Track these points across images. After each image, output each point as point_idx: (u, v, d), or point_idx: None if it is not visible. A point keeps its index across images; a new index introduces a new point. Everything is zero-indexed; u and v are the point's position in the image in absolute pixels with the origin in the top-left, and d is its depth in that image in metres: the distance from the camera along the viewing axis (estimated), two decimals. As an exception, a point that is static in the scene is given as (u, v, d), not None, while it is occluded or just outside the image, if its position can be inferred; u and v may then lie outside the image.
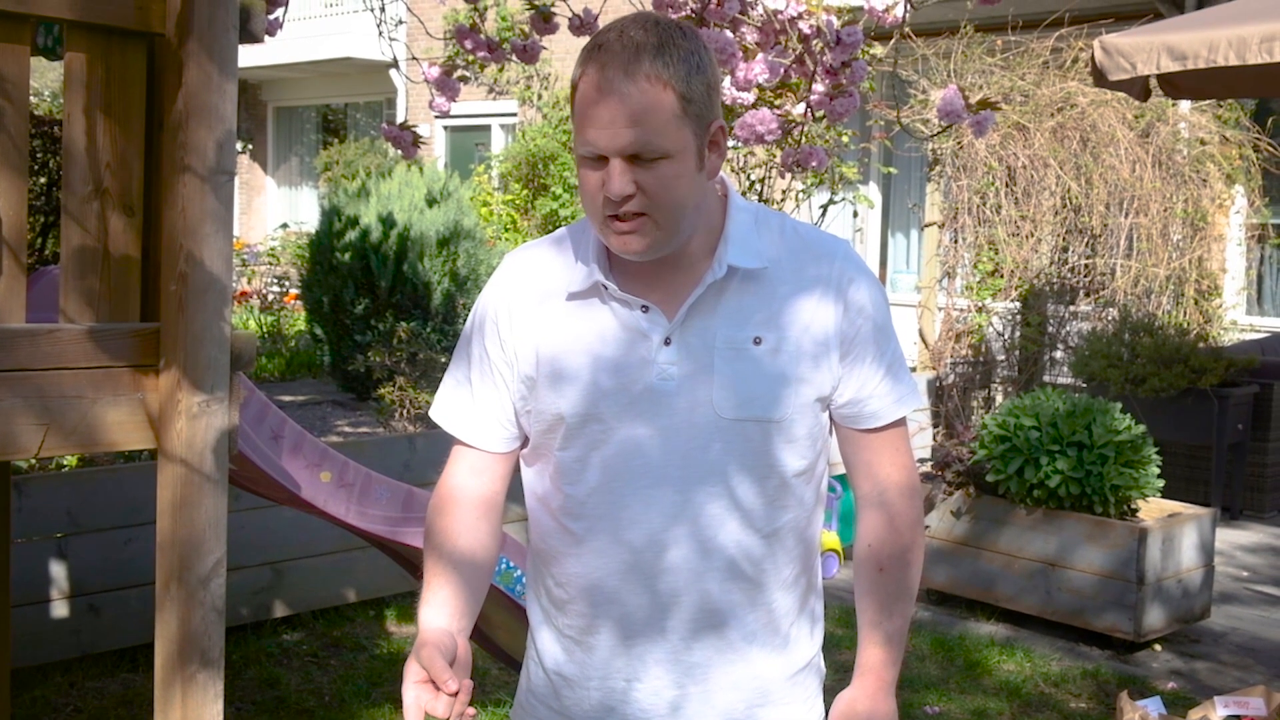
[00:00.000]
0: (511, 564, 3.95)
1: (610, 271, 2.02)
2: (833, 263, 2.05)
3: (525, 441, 2.14)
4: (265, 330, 13.76)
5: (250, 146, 23.11)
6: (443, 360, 8.45)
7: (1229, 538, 7.58)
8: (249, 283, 17.45)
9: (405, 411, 8.68)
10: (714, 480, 2.00)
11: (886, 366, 2.08)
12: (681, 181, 1.92)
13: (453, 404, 2.15)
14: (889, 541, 2.10)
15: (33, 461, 5.56)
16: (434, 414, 2.18)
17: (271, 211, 23.00)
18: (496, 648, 4.38)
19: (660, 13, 4.44)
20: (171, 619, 2.73)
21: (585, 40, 5.09)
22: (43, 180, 7.71)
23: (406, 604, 5.92)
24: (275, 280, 17.18)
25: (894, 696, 2.10)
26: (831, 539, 6.37)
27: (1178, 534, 5.66)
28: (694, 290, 1.99)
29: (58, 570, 4.98)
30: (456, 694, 1.85)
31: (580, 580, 2.07)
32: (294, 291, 15.19)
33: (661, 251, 1.97)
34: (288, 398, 11.08)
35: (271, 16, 5.15)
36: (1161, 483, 5.78)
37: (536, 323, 2.05)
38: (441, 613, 2.03)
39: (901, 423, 2.12)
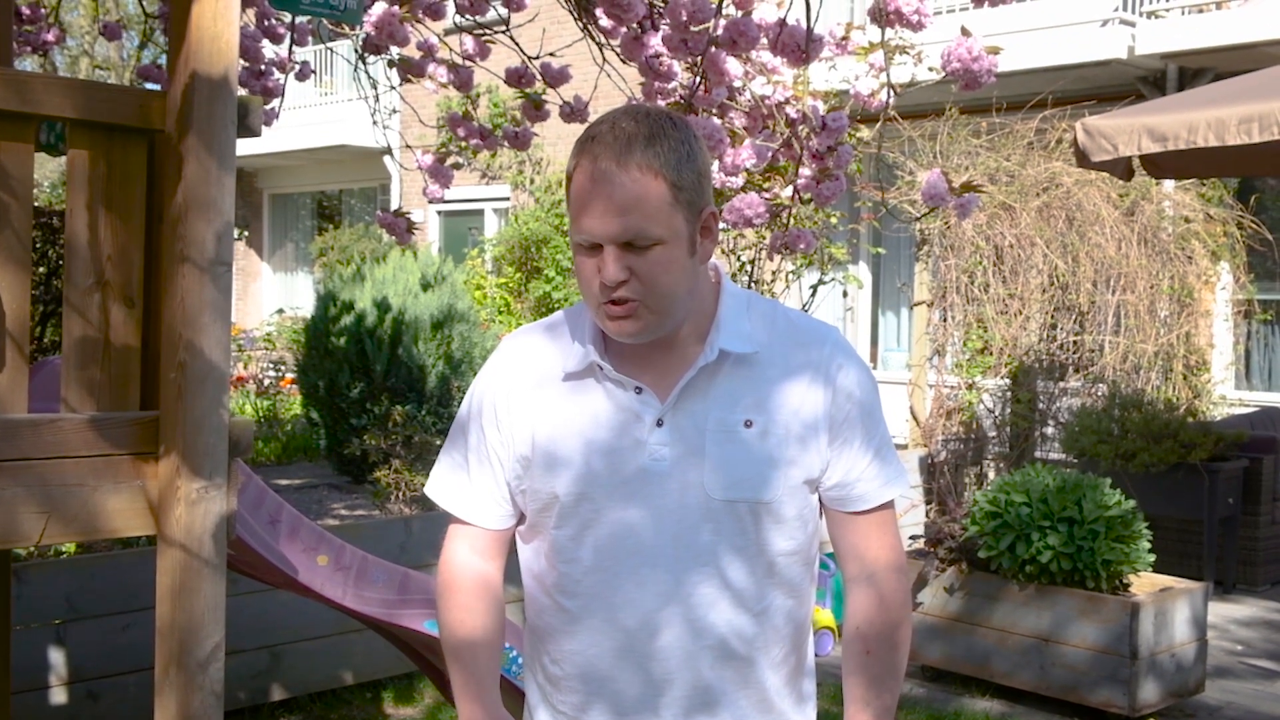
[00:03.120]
0: (508, 645, 3.98)
1: (605, 353, 2.07)
2: (822, 348, 2.10)
3: (522, 518, 2.19)
4: (261, 415, 13.78)
5: (246, 233, 23.25)
6: (437, 443, 8.48)
7: (1222, 612, 7.59)
8: (245, 368, 17.51)
9: (401, 494, 8.71)
10: (705, 561, 2.04)
11: (874, 450, 2.13)
12: (674, 267, 1.98)
13: (449, 482, 2.20)
14: (876, 621, 2.13)
15: (32, 549, 5.58)
16: (430, 491, 2.23)
17: (267, 297, 23.09)
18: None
19: (650, 101, 4.54)
20: (171, 703, 2.75)
21: (576, 127, 5.18)
22: (42, 270, 7.78)
23: (404, 685, 5.92)
24: (271, 365, 17.24)
25: None
26: (826, 617, 6.39)
27: (1170, 608, 5.69)
28: (686, 373, 2.04)
29: (56, 657, 4.99)
30: None
31: (575, 658, 2.11)
32: (290, 376, 15.25)
33: (655, 334, 2.02)
34: (284, 481, 11.09)
35: (268, 107, 5.26)
36: (1153, 557, 5.81)
37: (532, 405, 2.10)
38: (493, 703, 2.12)
39: (889, 505, 2.16)
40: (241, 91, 3.11)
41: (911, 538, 7.11)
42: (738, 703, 2.10)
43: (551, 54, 5.08)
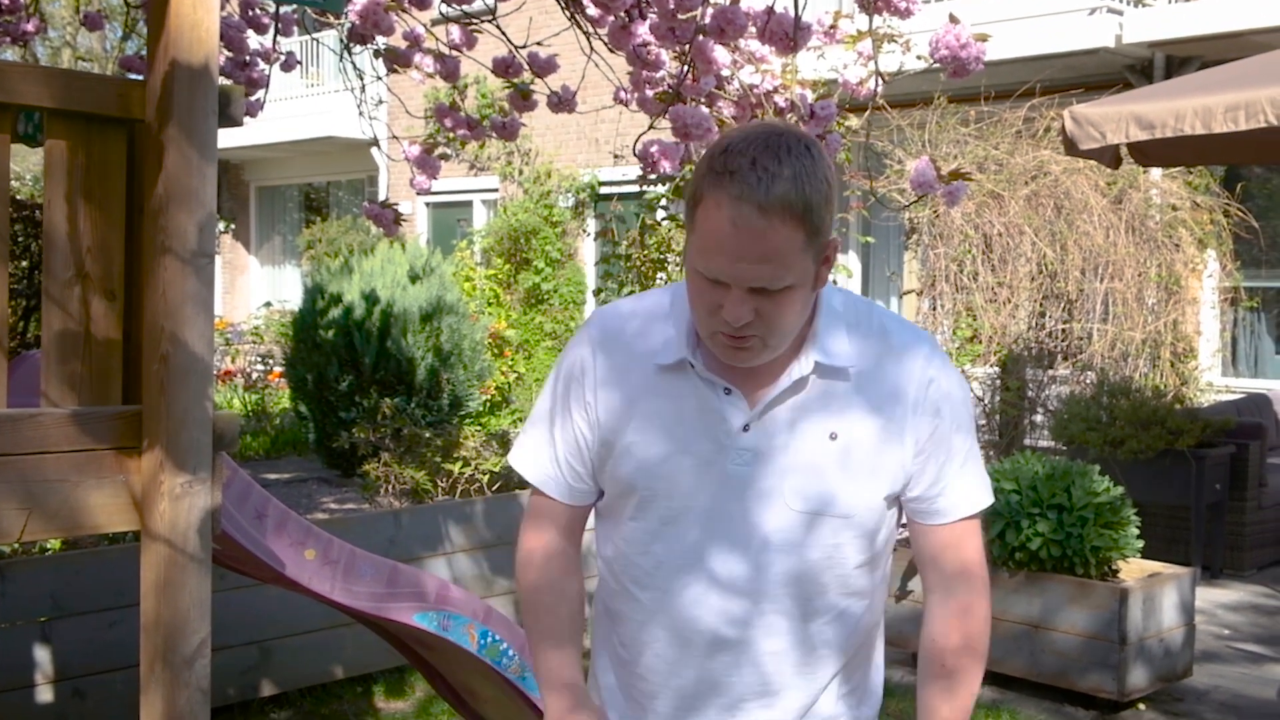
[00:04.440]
0: (499, 637, 3.96)
1: (698, 350, 2.04)
2: (914, 361, 2.06)
3: (600, 494, 2.19)
4: (250, 409, 13.76)
5: (233, 226, 23.20)
6: (427, 435, 8.46)
7: (1210, 596, 7.60)
8: (233, 361, 17.47)
9: (390, 487, 8.68)
10: (777, 569, 2.03)
11: (960, 464, 2.09)
12: (798, 306, 1.94)
13: (533, 456, 2.19)
14: (954, 635, 2.10)
15: (16, 545, 5.56)
16: (513, 461, 2.22)
17: (255, 290, 23.04)
18: (483, 721, 4.38)
19: (639, 91, 4.52)
20: (157, 701, 2.74)
21: (565, 117, 5.14)
22: (24, 264, 7.75)
23: (395, 680, 5.91)
24: (259, 359, 17.19)
25: None
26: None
27: (1159, 594, 5.69)
28: (778, 382, 2.01)
29: (41, 655, 4.96)
30: None
31: (642, 648, 2.13)
32: (278, 369, 15.21)
33: (763, 362, 1.99)
34: (273, 475, 11.07)
35: (253, 98, 5.23)
36: (1141, 543, 5.81)
37: (621, 389, 2.08)
38: (583, 687, 2.12)
39: (973, 518, 2.13)
40: (223, 80, 3.08)
41: (902, 525, 7.09)
42: (799, 700, 2.10)
43: (539, 43, 5.05)
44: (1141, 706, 5.75)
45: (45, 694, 4.98)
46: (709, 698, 2.09)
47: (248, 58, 5.25)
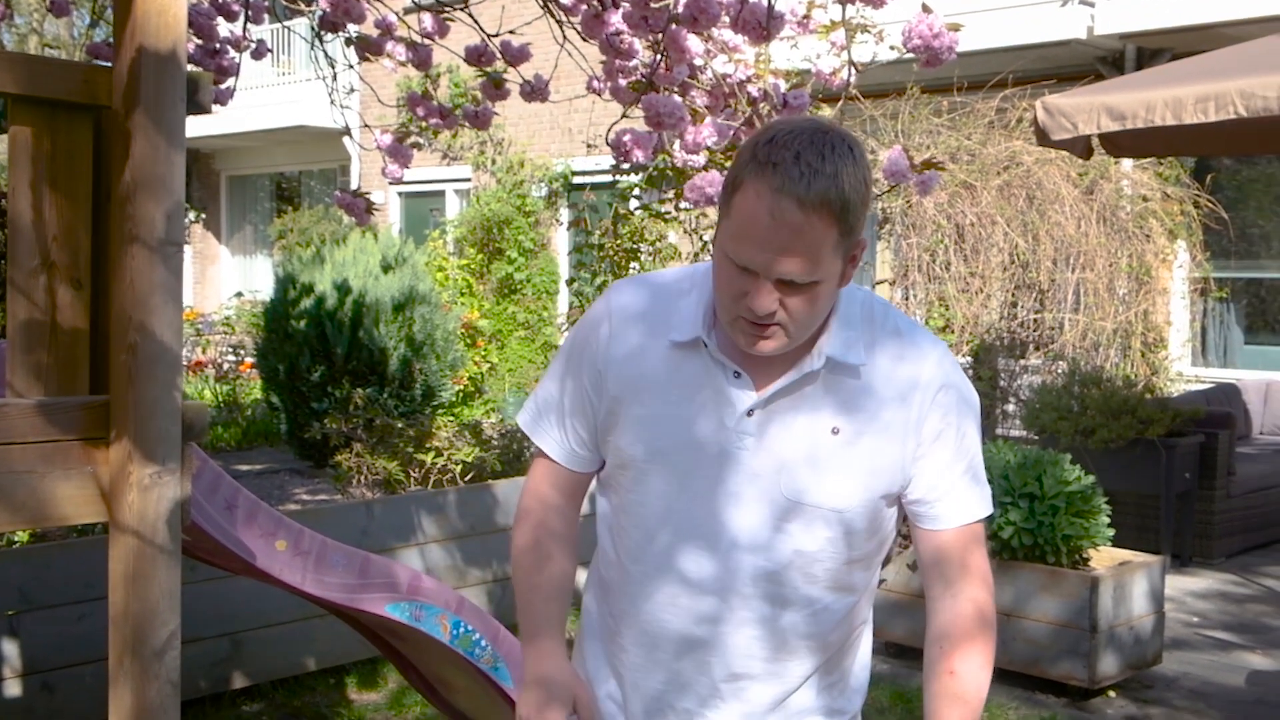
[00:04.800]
0: (471, 628, 3.95)
1: (713, 330, 2.05)
2: (924, 365, 2.07)
3: (603, 464, 2.21)
4: (221, 399, 13.69)
5: (204, 215, 23.08)
6: (399, 426, 8.44)
7: (1179, 584, 7.64)
8: (204, 352, 17.38)
9: (363, 478, 8.66)
10: (767, 556, 2.04)
11: (961, 470, 2.09)
12: (823, 301, 1.95)
13: (542, 419, 2.22)
14: (959, 641, 2.09)
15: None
16: (521, 421, 2.26)
17: (226, 280, 22.94)
18: (457, 712, 4.37)
19: (611, 80, 4.50)
20: (126, 694, 2.71)
21: (538, 106, 5.11)
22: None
23: (367, 671, 5.89)
24: (230, 349, 17.12)
25: None
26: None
27: (1129, 582, 5.72)
28: (788, 373, 2.02)
29: (10, 648, 4.93)
30: None
31: (631, 620, 2.15)
32: (249, 360, 15.15)
33: (781, 353, 2.00)
34: (245, 467, 11.02)
35: (223, 86, 5.18)
36: (1112, 532, 5.83)
37: (631, 364, 2.10)
38: (563, 644, 2.16)
39: (977, 524, 2.13)
40: (192, 67, 3.05)
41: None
42: (771, 690, 2.12)
43: (511, 32, 5.03)
44: (1112, 694, 5.78)
45: (13, 688, 4.94)
46: (686, 677, 2.12)
47: (217, 45, 5.20)
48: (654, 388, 2.07)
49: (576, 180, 16.04)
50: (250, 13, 5.29)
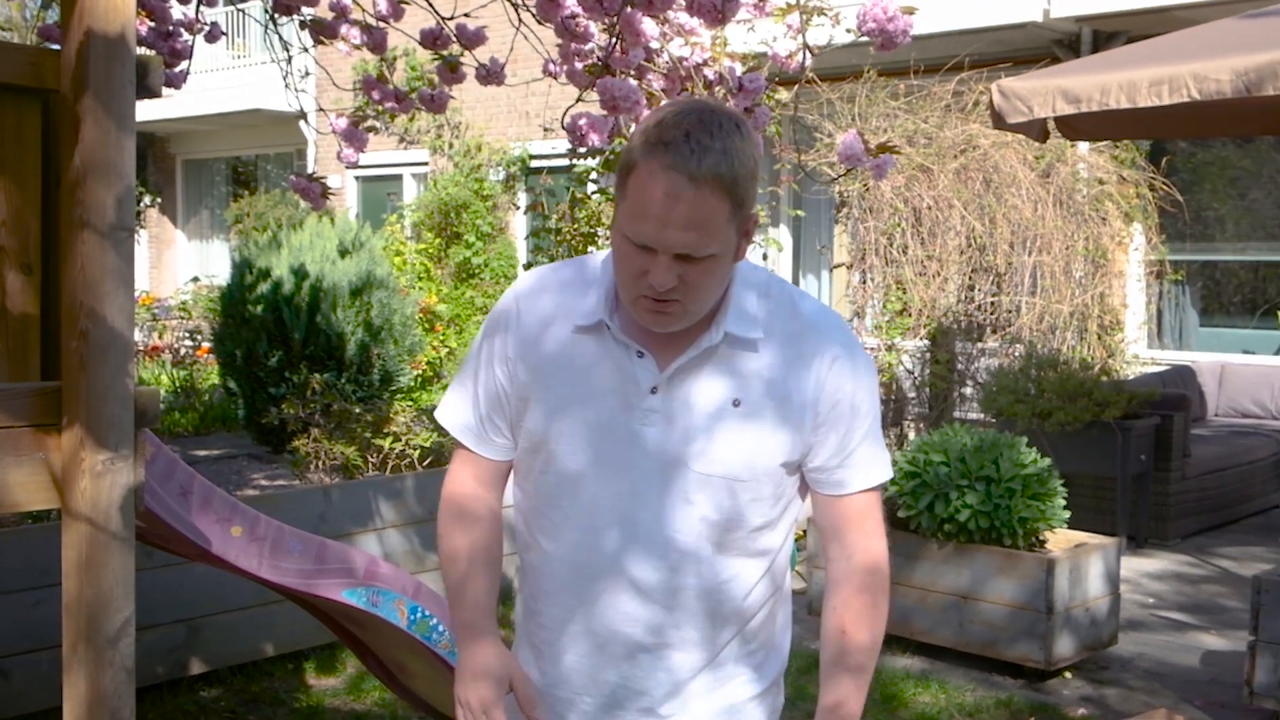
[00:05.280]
0: (428, 613, 3.95)
1: (615, 313, 2.13)
2: (821, 338, 2.15)
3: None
4: (178, 385, 13.59)
5: (159, 200, 22.91)
6: (357, 411, 8.41)
7: (1135, 566, 7.71)
8: (160, 337, 17.26)
9: (321, 463, 8.62)
10: (677, 528, 2.12)
11: (860, 438, 2.17)
12: (720, 274, 2.04)
13: (458, 411, 2.28)
14: (852, 602, 2.19)
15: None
16: (439, 416, 2.32)
17: (182, 265, 22.78)
18: (416, 697, 4.36)
19: (567, 64, 4.49)
20: (80, 680, 2.70)
21: (494, 90, 5.08)
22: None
23: (326, 656, 5.87)
24: (187, 334, 17.01)
25: None
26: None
27: (1085, 564, 5.76)
28: (689, 349, 2.09)
29: (-36, 634, 4.90)
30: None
31: (550, 599, 2.22)
32: (206, 345, 15.05)
33: (682, 328, 2.08)
34: (202, 452, 10.96)
35: (177, 69, 5.14)
36: (1068, 514, 5.87)
37: (540, 348, 2.17)
38: (495, 632, 2.21)
39: (874, 491, 2.22)
40: (143, 51, 3.03)
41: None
42: (698, 657, 2.19)
43: (467, 15, 5.01)
44: (1068, 675, 5.82)
45: (-32, 675, 4.91)
46: (609, 649, 2.18)
47: (170, 28, 5.16)
48: (562, 372, 2.14)
49: (534, 164, 16.00)
50: (203, -5, 5.24)
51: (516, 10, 4.76)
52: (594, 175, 9.12)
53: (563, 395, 2.14)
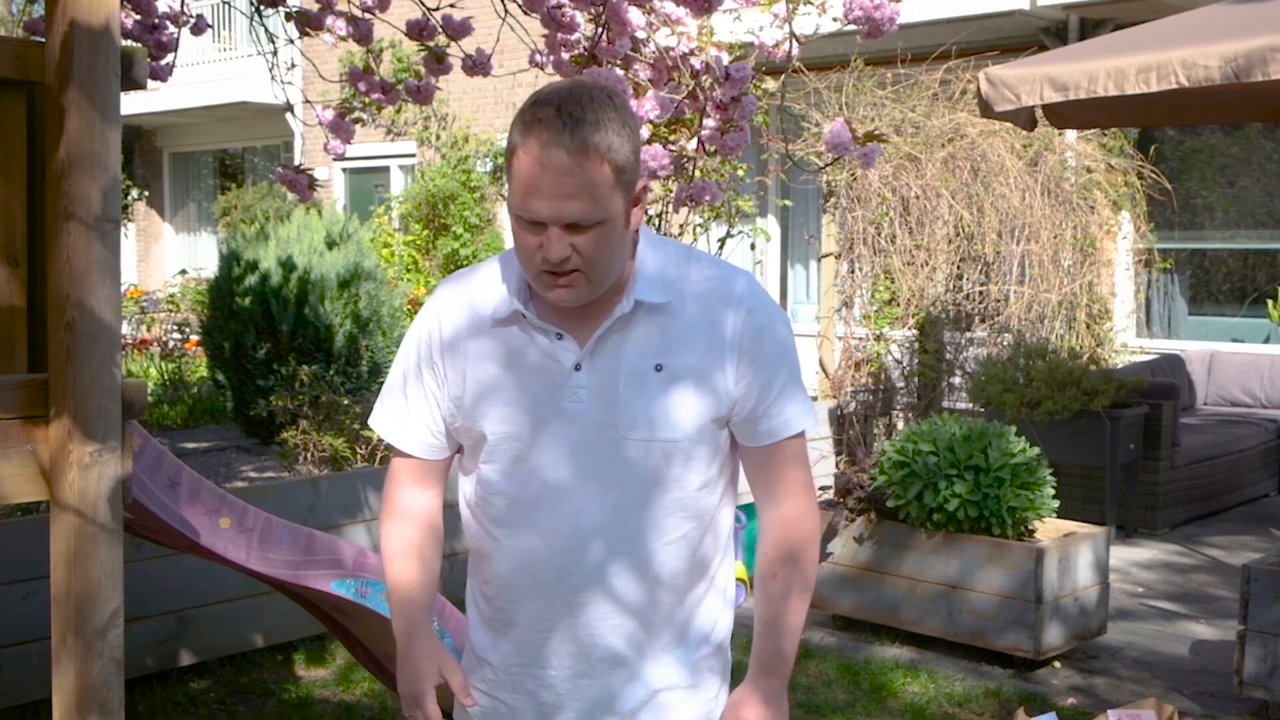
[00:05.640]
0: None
1: (530, 301, 2.22)
2: (732, 293, 2.24)
3: (460, 449, 2.37)
4: (167, 377, 13.58)
5: (147, 193, 22.84)
6: (345, 403, 8.40)
7: (1124, 555, 7.72)
8: (149, 330, 17.23)
9: (309, 455, 8.61)
10: (619, 496, 2.21)
11: (780, 387, 2.26)
12: (613, 242, 2.12)
13: (391, 418, 2.37)
14: (781, 544, 2.30)
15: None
16: (373, 424, 2.40)
17: (170, 258, 22.72)
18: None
19: (554, 54, 4.49)
20: (69, 672, 2.70)
21: (481, 81, 5.09)
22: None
23: (315, 648, 5.87)
24: (176, 327, 16.98)
25: (785, 689, 2.34)
26: (739, 569, 6.42)
27: (1074, 553, 5.77)
28: (604, 322, 2.18)
29: (-47, 627, 4.90)
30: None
31: (501, 580, 2.29)
32: (195, 338, 15.02)
33: (589, 300, 2.16)
34: (191, 445, 10.95)
35: (163, 62, 5.13)
36: (1057, 503, 5.88)
37: (463, 350, 2.25)
38: (426, 626, 2.33)
39: (798, 438, 2.30)
40: (127, 42, 3.02)
41: (821, 488, 7.16)
42: (647, 621, 2.27)
43: (452, 5, 5.00)
44: (1057, 664, 5.84)
45: (-43, 668, 4.91)
46: (561, 622, 2.26)
47: (156, 20, 5.14)
48: (488, 366, 2.23)
49: (522, 155, 15.94)
50: (189, -13, 5.22)
51: (503, 1, 4.75)
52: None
53: (492, 387, 2.22)
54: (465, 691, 2.31)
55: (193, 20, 5.53)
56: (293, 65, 6.06)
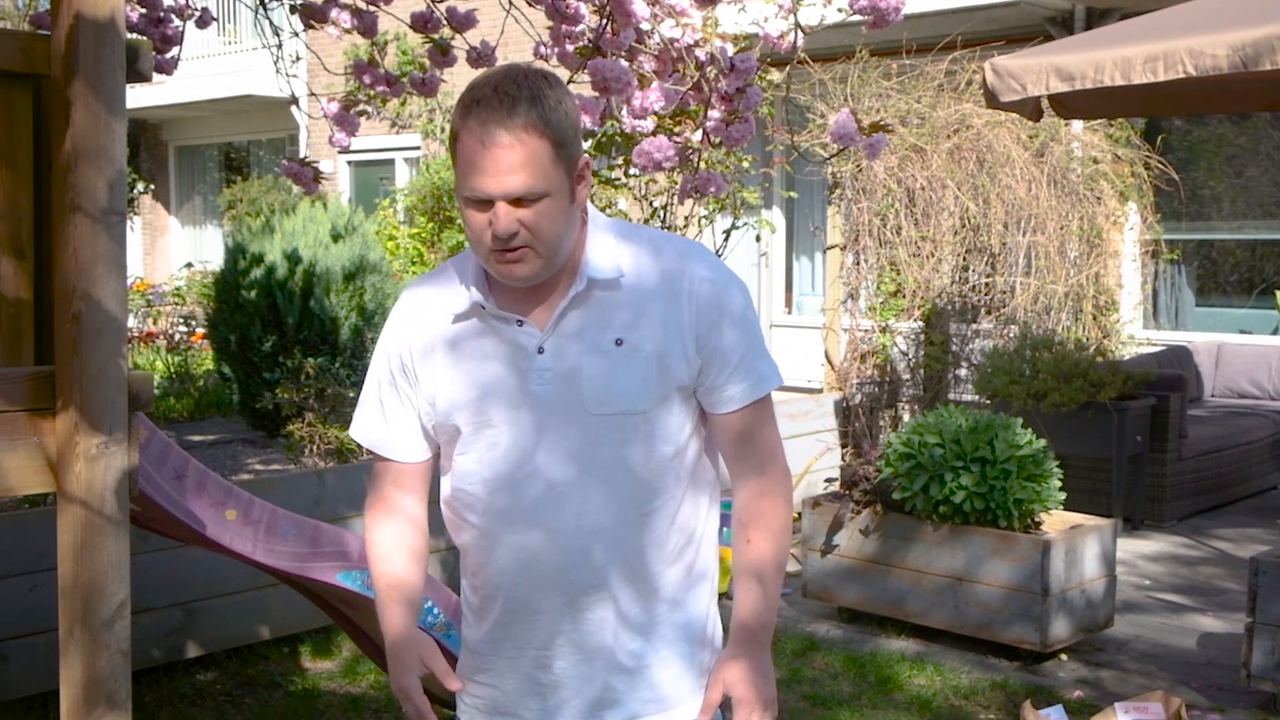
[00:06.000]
0: (424, 596, 3.94)
1: (489, 293, 2.28)
2: (685, 263, 2.29)
3: (438, 450, 2.42)
4: (173, 370, 13.59)
5: (152, 186, 22.85)
6: (351, 395, 8.41)
7: (1131, 548, 7.72)
8: (155, 323, 17.24)
9: (315, 447, 8.63)
10: (592, 470, 2.25)
11: (742, 352, 2.30)
12: (558, 216, 2.17)
13: (369, 424, 2.42)
14: (754, 508, 2.35)
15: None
16: (353, 432, 2.46)
17: (176, 251, 22.74)
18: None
19: (559, 45, 4.48)
20: (76, 663, 2.70)
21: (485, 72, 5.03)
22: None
23: (321, 640, 5.88)
24: (182, 320, 16.99)
25: (769, 652, 2.36)
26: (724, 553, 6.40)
27: (1080, 545, 5.76)
28: (560, 304, 2.24)
29: (-39, 620, 4.90)
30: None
31: (485, 568, 2.34)
32: (201, 331, 15.03)
33: (543, 276, 2.21)
34: (197, 437, 10.96)
35: (168, 55, 5.13)
36: (1063, 495, 5.87)
37: (431, 349, 2.31)
38: (406, 620, 2.35)
39: (764, 401, 2.35)
40: (132, 35, 3.01)
41: (827, 480, 7.15)
42: (626, 592, 2.30)
43: (457, -3, 4.99)
44: (1064, 657, 5.84)
45: (-35, 660, 4.92)
46: (543, 595, 2.28)
47: (161, 14, 5.14)
48: (456, 361, 2.29)
49: (527, 147, 15.91)
50: (194, -21, 5.22)
51: (508, -8, 4.74)
52: (586, 158, 9.08)
53: (461, 381, 2.28)
54: (449, 675, 2.33)
55: (198, 13, 5.53)
56: (297, 58, 6.07)
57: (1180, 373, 8.94)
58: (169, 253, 22.81)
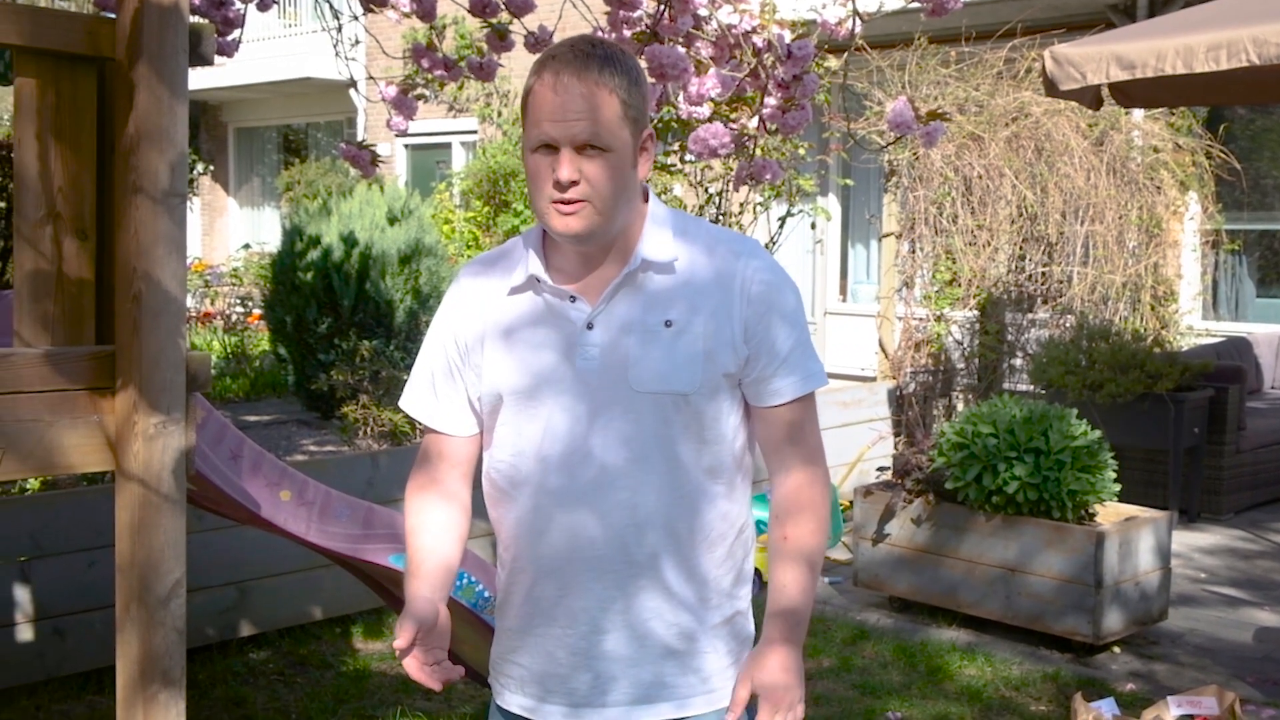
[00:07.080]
0: (474, 579, 3.96)
1: (546, 269, 2.30)
2: (738, 257, 2.32)
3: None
4: (229, 351, 13.71)
5: (212, 168, 23.04)
6: (404, 378, 8.45)
7: (1187, 540, 7.65)
8: (212, 304, 17.40)
9: (369, 429, 8.68)
10: (631, 448, 2.26)
11: (791, 347, 2.32)
12: (619, 174, 2.20)
13: (419, 395, 2.44)
14: (792, 505, 2.35)
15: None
16: (403, 404, 2.47)
17: (234, 232, 22.92)
18: (461, 662, 4.39)
19: (616, 31, 4.48)
20: (132, 640, 2.74)
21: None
22: (1, 204, 7.68)
23: (373, 621, 5.93)
24: (239, 301, 17.13)
25: (800, 649, 2.33)
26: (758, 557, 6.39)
27: (1135, 537, 5.72)
28: (613, 281, 2.27)
29: (22, 594, 4.97)
30: (407, 647, 2.22)
31: (519, 540, 2.35)
32: (257, 312, 15.15)
33: (596, 236, 2.23)
34: (253, 418, 11.05)
35: (229, 38, 5.16)
36: (1118, 487, 5.83)
37: (484, 323, 2.34)
38: (424, 584, 2.33)
39: (807, 399, 2.36)
40: (195, 19, 3.04)
41: (879, 469, 7.13)
42: (665, 573, 2.30)
43: (515, -18, 4.99)
44: (1117, 649, 5.80)
45: (25, 632, 4.99)
46: (576, 573, 2.29)
47: (222, -4, 5.17)
48: (507, 332, 2.31)
49: (583, 132, 15.91)
50: (255, -37, 5.25)
51: (566, -23, 4.75)
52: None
53: (508, 351, 2.30)
54: (403, 641, 2.25)
55: (258, -4, 5.56)
56: (356, 41, 6.09)
57: (1239, 364, 8.84)
58: (227, 234, 22.99)
